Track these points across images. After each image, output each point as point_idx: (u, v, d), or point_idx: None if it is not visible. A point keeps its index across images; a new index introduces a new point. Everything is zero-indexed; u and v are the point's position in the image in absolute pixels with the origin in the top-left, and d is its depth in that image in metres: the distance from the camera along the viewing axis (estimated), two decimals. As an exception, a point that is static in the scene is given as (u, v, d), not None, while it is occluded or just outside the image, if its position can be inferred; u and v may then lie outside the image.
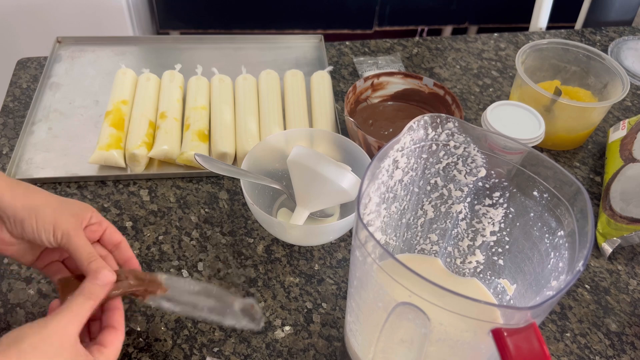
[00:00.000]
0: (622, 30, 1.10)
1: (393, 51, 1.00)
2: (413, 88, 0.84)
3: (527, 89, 0.82)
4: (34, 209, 0.50)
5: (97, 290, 0.48)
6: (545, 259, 0.49)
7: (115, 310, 0.50)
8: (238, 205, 0.74)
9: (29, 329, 0.43)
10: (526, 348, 0.38)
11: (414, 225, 0.59)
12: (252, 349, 0.60)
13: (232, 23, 1.74)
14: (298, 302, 0.65)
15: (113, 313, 0.50)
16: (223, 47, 0.97)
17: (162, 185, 0.76)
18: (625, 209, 0.71)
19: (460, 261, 0.59)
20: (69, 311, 0.45)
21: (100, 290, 0.48)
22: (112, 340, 0.48)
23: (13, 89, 0.87)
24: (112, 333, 0.48)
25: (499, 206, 0.54)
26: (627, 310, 0.67)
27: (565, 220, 0.46)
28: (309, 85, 0.89)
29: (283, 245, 0.70)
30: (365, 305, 0.47)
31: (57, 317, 0.44)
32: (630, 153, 0.77)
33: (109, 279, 0.48)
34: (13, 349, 0.41)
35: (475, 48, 1.02)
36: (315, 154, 0.65)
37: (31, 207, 0.50)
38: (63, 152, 0.78)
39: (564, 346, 0.63)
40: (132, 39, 0.99)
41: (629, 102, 0.95)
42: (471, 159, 0.52)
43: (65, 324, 0.44)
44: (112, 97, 0.82)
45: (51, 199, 0.52)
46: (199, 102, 0.82)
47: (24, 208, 0.50)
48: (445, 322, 0.41)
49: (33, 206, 0.50)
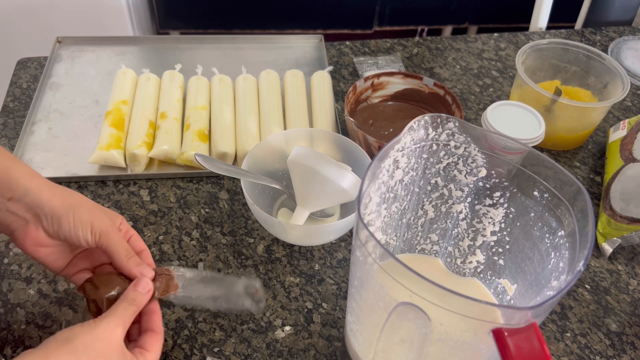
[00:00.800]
0: (622, 30, 1.10)
1: (393, 51, 1.00)
2: (413, 88, 0.84)
3: (527, 89, 0.82)
4: (71, 207, 0.50)
5: (140, 297, 0.49)
6: (545, 259, 0.49)
7: (153, 314, 0.51)
8: (238, 205, 0.74)
9: (79, 328, 0.45)
10: (527, 348, 0.38)
11: (414, 225, 0.59)
12: (253, 349, 0.60)
13: (232, 23, 1.74)
14: (298, 302, 0.65)
15: (151, 317, 0.51)
16: (223, 47, 0.97)
17: (163, 185, 0.76)
18: (625, 209, 0.71)
19: (461, 261, 0.59)
20: (116, 315, 0.47)
21: (142, 297, 0.49)
22: (153, 344, 0.49)
23: (13, 89, 0.87)
24: (153, 336, 0.50)
25: (500, 206, 0.54)
26: (627, 310, 0.67)
27: (565, 220, 0.46)
28: (309, 85, 0.89)
29: (283, 245, 0.70)
30: (366, 305, 0.47)
31: (106, 320, 0.46)
32: (630, 153, 0.77)
33: (150, 286, 0.50)
34: (64, 347, 0.43)
35: (475, 48, 1.02)
36: (316, 154, 0.65)
37: (69, 205, 0.50)
38: (63, 152, 0.78)
39: (564, 346, 0.63)
40: (132, 39, 0.99)
41: (629, 102, 0.95)
42: (471, 159, 0.52)
43: (113, 327, 0.46)
44: (112, 97, 0.82)
45: (87, 200, 0.53)
46: (199, 102, 0.82)
47: (62, 206, 0.50)
48: (446, 322, 0.41)
49: (71, 204, 0.50)
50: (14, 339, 0.59)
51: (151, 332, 0.50)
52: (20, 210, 0.50)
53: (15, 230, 0.51)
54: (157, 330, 0.50)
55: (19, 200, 0.50)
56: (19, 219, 0.50)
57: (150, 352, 0.48)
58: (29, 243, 0.51)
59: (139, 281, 0.50)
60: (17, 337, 0.59)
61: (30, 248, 0.51)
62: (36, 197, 0.49)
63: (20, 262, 0.66)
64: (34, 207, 0.50)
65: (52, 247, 0.52)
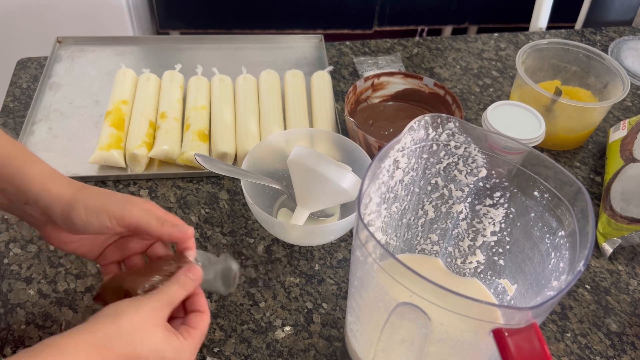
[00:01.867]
0: (622, 30, 1.10)
1: (393, 51, 1.00)
2: (413, 88, 0.84)
3: (527, 89, 0.82)
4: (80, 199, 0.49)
5: (190, 284, 0.49)
6: (545, 259, 0.49)
7: (197, 294, 0.51)
8: (238, 206, 0.74)
9: (127, 305, 0.45)
10: (527, 348, 0.38)
11: (414, 226, 0.59)
12: (253, 349, 0.60)
13: (232, 23, 1.74)
14: (298, 302, 0.65)
15: (196, 298, 0.51)
16: (223, 47, 0.97)
17: (163, 186, 0.76)
18: (625, 209, 0.71)
19: (461, 261, 0.59)
20: (165, 295, 0.47)
21: (192, 283, 0.50)
22: (199, 322, 0.49)
23: (13, 89, 0.87)
24: (199, 316, 0.50)
25: (500, 206, 0.54)
26: (627, 310, 0.67)
27: (565, 220, 0.46)
28: (309, 85, 0.89)
29: (283, 245, 0.70)
30: (366, 305, 0.47)
31: (154, 298, 0.46)
32: (630, 153, 0.77)
33: (200, 274, 0.51)
34: (111, 320, 0.44)
35: (475, 48, 1.02)
36: (316, 154, 0.65)
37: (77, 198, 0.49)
38: (63, 152, 0.78)
39: (565, 346, 0.63)
40: (132, 39, 0.99)
41: (629, 102, 0.95)
42: (472, 159, 0.52)
43: (160, 306, 0.46)
44: (112, 97, 0.82)
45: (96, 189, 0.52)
46: (199, 102, 0.82)
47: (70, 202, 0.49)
48: (446, 322, 0.41)
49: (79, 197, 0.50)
50: (14, 339, 0.59)
51: (197, 312, 0.50)
52: (37, 213, 0.51)
53: (40, 229, 0.52)
54: (203, 309, 0.51)
55: (33, 204, 0.50)
56: (38, 221, 0.51)
57: (197, 329, 0.49)
58: (54, 240, 0.52)
59: (192, 267, 0.50)
60: (17, 337, 0.59)
61: (57, 244, 0.53)
62: (47, 200, 0.49)
63: (20, 262, 0.66)
64: (47, 211, 0.50)
65: (78, 242, 0.53)
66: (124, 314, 0.44)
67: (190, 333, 0.48)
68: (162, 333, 0.45)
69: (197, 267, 0.51)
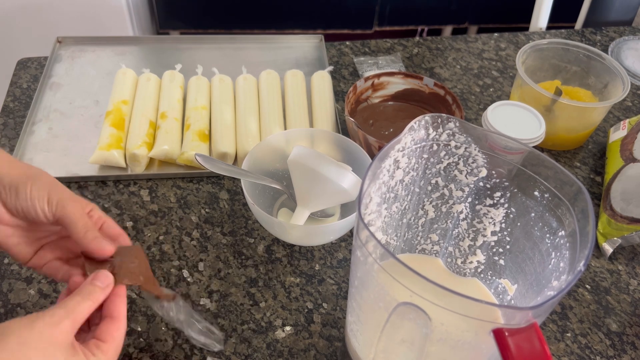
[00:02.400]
0: (623, 30, 1.10)
1: (393, 51, 1.00)
2: (413, 88, 0.84)
3: (527, 89, 0.82)
4: (30, 177, 0.48)
5: (97, 292, 0.45)
6: (546, 259, 0.49)
7: (115, 297, 0.46)
8: (238, 205, 0.74)
9: (16, 323, 0.39)
10: (527, 348, 0.38)
11: (414, 225, 0.59)
12: (253, 349, 0.60)
13: (232, 23, 1.74)
14: (299, 302, 0.65)
15: (112, 301, 0.46)
16: (223, 47, 0.97)
17: (163, 186, 0.76)
18: (625, 209, 0.71)
19: (461, 261, 0.59)
20: (64, 308, 0.42)
21: (99, 291, 0.45)
22: (111, 333, 0.44)
23: (13, 89, 0.87)
24: (111, 324, 0.44)
25: (500, 206, 0.54)
26: (627, 310, 0.67)
27: (566, 220, 0.46)
28: (309, 85, 0.89)
29: (284, 245, 0.70)
30: (366, 305, 0.47)
31: (49, 313, 0.41)
32: (630, 153, 0.77)
33: (109, 280, 0.46)
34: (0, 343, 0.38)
35: (475, 48, 1.02)
36: (316, 154, 0.65)
37: (28, 175, 0.48)
38: (63, 152, 0.78)
39: (565, 346, 0.63)
40: (132, 39, 0.99)
41: (630, 102, 0.95)
42: (472, 159, 0.52)
43: (57, 321, 0.40)
44: (112, 97, 0.82)
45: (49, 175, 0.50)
46: (200, 102, 0.82)
47: (21, 176, 0.48)
48: (446, 322, 0.41)
49: (30, 174, 0.48)
50: (14, 339, 0.59)
51: (109, 319, 0.45)
52: None
53: None
54: (117, 316, 0.45)
55: None
56: None
57: (107, 343, 0.43)
58: None
59: (99, 274, 0.46)
60: (18, 337, 0.59)
61: None
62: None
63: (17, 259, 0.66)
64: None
65: (13, 227, 0.50)
66: (11, 335, 0.38)
67: (101, 348, 0.43)
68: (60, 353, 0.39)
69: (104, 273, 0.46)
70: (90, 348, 0.42)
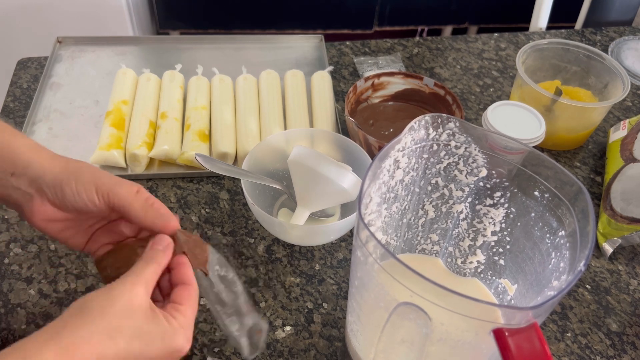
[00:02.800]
0: (623, 30, 1.10)
1: (393, 51, 1.00)
2: (413, 88, 0.84)
3: (527, 89, 0.82)
4: (72, 172, 0.48)
5: (159, 255, 0.45)
6: (546, 259, 0.49)
7: (181, 265, 0.47)
8: (239, 206, 0.74)
9: (94, 295, 0.41)
10: (527, 348, 0.38)
11: (414, 225, 0.59)
12: (253, 349, 0.60)
13: (232, 23, 1.74)
14: (299, 302, 0.65)
15: (179, 269, 0.47)
16: (223, 47, 0.97)
17: (163, 186, 0.76)
18: (625, 209, 0.71)
19: (461, 261, 0.59)
20: (132, 275, 0.43)
21: (161, 254, 0.46)
22: (186, 296, 0.45)
23: (13, 89, 0.87)
24: (185, 289, 0.45)
25: (500, 206, 0.54)
26: (627, 310, 0.67)
27: (566, 220, 0.46)
28: (309, 85, 0.89)
29: (284, 245, 0.70)
30: (366, 305, 0.47)
31: (122, 281, 0.42)
32: (630, 153, 0.77)
33: (168, 241, 0.47)
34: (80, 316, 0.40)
35: (475, 48, 1.02)
36: (316, 154, 0.65)
37: (69, 171, 0.48)
38: (63, 152, 0.76)
39: (565, 346, 0.63)
40: (132, 39, 0.99)
41: (630, 102, 0.95)
42: (472, 159, 0.52)
43: (130, 287, 0.42)
44: (112, 97, 0.82)
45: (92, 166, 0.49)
46: (200, 102, 0.82)
47: (64, 172, 0.47)
48: (447, 322, 0.41)
49: (71, 169, 0.48)
50: (14, 339, 0.59)
51: (182, 285, 0.46)
52: (24, 185, 0.48)
53: (23, 205, 0.48)
54: (187, 282, 0.46)
55: (21, 175, 0.47)
56: (24, 194, 0.48)
57: (185, 306, 0.44)
58: (38, 218, 0.48)
59: (156, 239, 0.47)
60: (18, 337, 0.59)
61: (40, 223, 0.49)
62: (38, 168, 0.47)
63: (21, 262, 0.66)
64: (37, 180, 0.47)
65: (64, 222, 0.50)
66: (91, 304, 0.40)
67: (179, 310, 0.44)
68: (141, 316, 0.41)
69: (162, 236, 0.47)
70: (169, 311, 0.43)
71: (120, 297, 0.41)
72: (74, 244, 0.51)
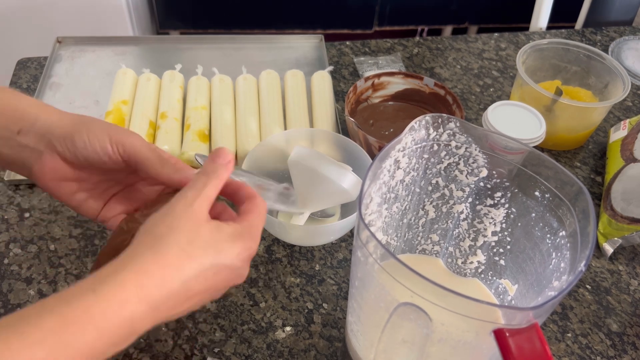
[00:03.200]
0: (623, 30, 1.10)
1: (393, 51, 1.00)
2: (414, 88, 0.84)
3: (527, 89, 0.82)
4: (84, 123, 0.46)
5: (221, 169, 0.44)
6: (546, 259, 0.49)
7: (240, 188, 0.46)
8: (238, 206, 0.74)
9: (158, 215, 0.40)
10: (528, 348, 0.38)
11: (415, 226, 0.58)
12: (253, 349, 0.60)
13: (232, 23, 1.74)
14: (299, 302, 0.65)
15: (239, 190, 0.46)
16: (223, 47, 0.97)
17: (163, 186, 0.75)
18: (626, 209, 0.71)
19: (462, 261, 0.59)
20: (193, 189, 0.41)
21: (223, 169, 0.44)
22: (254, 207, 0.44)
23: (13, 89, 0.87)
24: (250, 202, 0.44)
25: (501, 206, 0.54)
26: (628, 310, 0.66)
27: (566, 221, 0.46)
28: (309, 85, 0.89)
29: (284, 245, 0.70)
30: (367, 305, 0.47)
31: (183, 196, 0.41)
32: (631, 153, 0.77)
33: (230, 156, 0.45)
34: (148, 235, 0.39)
35: (475, 48, 1.02)
36: (316, 154, 0.65)
37: (81, 122, 0.46)
38: (63, 152, 0.78)
39: (565, 346, 0.63)
40: (132, 39, 0.99)
41: (630, 102, 0.95)
42: (472, 159, 0.52)
43: (191, 201, 0.41)
44: (112, 97, 0.82)
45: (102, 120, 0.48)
46: (200, 102, 0.82)
47: (74, 124, 0.46)
48: (447, 322, 0.41)
49: (82, 121, 0.46)
50: (14, 339, 0.59)
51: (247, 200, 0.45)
52: (32, 142, 0.46)
53: (32, 165, 0.46)
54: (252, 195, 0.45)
55: (29, 131, 0.45)
56: (33, 152, 0.46)
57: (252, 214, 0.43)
58: (50, 177, 0.46)
59: (217, 151, 0.44)
60: (17, 337, 0.59)
61: (51, 184, 0.46)
62: (46, 122, 0.45)
63: (21, 263, 0.66)
64: (46, 134, 0.45)
65: (77, 182, 0.48)
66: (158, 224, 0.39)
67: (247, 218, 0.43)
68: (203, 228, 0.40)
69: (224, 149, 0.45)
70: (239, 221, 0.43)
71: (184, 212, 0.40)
72: (87, 209, 0.49)
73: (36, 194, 0.73)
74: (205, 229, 0.40)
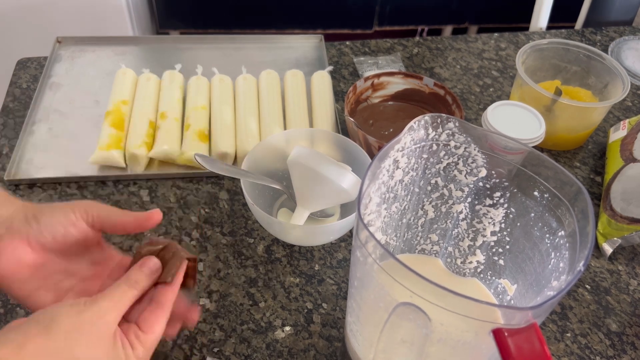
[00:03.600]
0: (623, 30, 1.10)
1: (393, 51, 1.00)
2: (413, 88, 0.84)
3: (527, 89, 0.82)
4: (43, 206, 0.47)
5: (143, 279, 0.44)
6: (545, 259, 0.49)
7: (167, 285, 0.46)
8: (238, 206, 0.74)
9: (65, 311, 0.39)
10: (527, 348, 0.38)
11: (414, 226, 0.58)
12: (253, 349, 0.60)
13: (232, 23, 1.74)
14: (298, 302, 0.65)
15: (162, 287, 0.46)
16: (223, 47, 0.97)
17: (162, 186, 0.76)
18: (625, 209, 0.71)
19: (461, 261, 0.59)
20: (110, 299, 0.41)
21: (146, 280, 0.44)
22: (153, 324, 0.43)
23: (13, 89, 0.87)
24: (155, 312, 0.44)
25: (500, 206, 0.54)
26: (627, 310, 0.67)
27: (566, 221, 0.46)
28: (309, 85, 0.89)
29: (283, 245, 0.70)
30: (366, 305, 0.47)
31: (97, 304, 0.41)
32: (630, 153, 0.77)
33: (157, 266, 0.45)
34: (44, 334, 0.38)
35: (475, 48, 1.02)
36: (316, 154, 0.65)
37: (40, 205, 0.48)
38: (63, 152, 0.78)
39: (565, 346, 0.63)
40: (132, 39, 0.99)
41: (630, 102, 0.95)
42: (472, 159, 0.52)
43: (104, 312, 0.41)
44: (112, 97, 0.82)
45: None
46: (199, 102, 0.82)
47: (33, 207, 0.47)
48: (446, 322, 0.41)
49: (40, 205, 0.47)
50: (14, 339, 0.59)
51: (155, 305, 0.44)
52: None
53: None
54: (162, 302, 0.44)
55: None
56: None
57: (147, 334, 0.42)
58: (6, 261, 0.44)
59: (146, 261, 0.45)
60: (17, 337, 0.59)
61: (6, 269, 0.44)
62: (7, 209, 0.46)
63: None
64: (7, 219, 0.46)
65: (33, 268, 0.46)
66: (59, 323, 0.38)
67: (140, 339, 0.42)
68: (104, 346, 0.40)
69: (153, 260, 0.46)
70: (130, 338, 0.42)
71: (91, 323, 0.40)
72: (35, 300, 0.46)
73: (36, 194, 0.73)
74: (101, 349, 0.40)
